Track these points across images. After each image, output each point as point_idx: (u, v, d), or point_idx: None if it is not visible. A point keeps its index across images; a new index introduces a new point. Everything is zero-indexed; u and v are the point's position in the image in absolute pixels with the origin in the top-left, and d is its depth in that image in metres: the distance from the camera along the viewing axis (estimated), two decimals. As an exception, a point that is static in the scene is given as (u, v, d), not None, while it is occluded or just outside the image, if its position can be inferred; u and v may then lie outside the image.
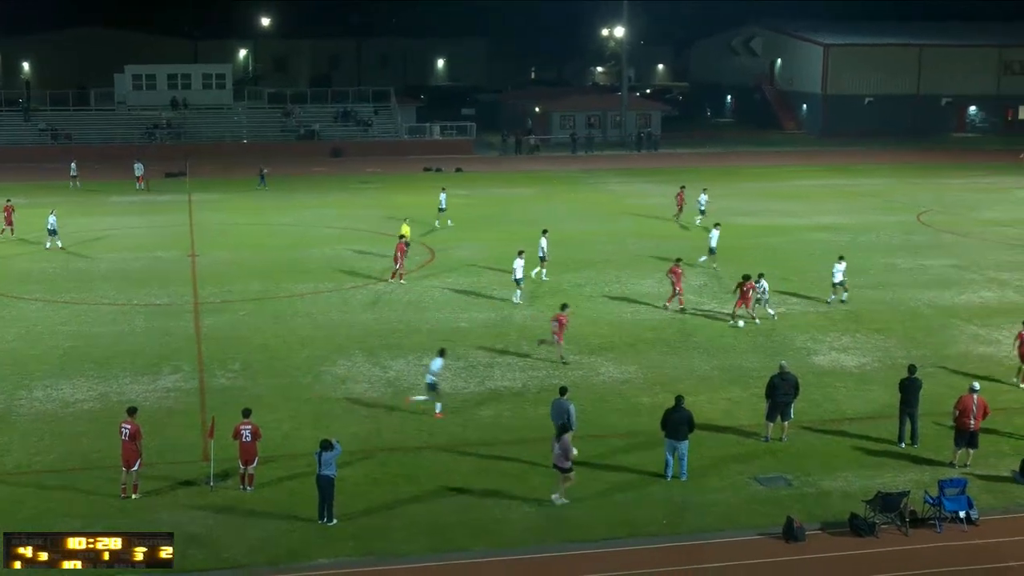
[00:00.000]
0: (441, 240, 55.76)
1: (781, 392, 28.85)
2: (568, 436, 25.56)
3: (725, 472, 27.00)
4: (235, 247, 54.64)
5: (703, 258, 49.35)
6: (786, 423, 29.03)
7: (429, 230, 58.08)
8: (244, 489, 25.68)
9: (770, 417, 29.03)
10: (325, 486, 24.11)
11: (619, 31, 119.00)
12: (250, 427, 25.80)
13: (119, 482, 25.37)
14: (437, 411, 30.69)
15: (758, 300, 40.20)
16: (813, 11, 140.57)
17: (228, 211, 66.12)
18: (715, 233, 49.32)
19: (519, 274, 42.59)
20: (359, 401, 31.99)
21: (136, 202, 70.80)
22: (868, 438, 29.33)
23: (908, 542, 23.67)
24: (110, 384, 33.27)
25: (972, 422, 27.23)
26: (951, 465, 27.41)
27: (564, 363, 35.41)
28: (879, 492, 24.48)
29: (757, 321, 39.90)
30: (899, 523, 24.09)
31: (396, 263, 46.50)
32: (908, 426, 28.79)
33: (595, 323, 40.31)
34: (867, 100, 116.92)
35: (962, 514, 24.31)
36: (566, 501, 25.30)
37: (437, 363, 30.98)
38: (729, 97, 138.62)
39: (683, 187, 63.12)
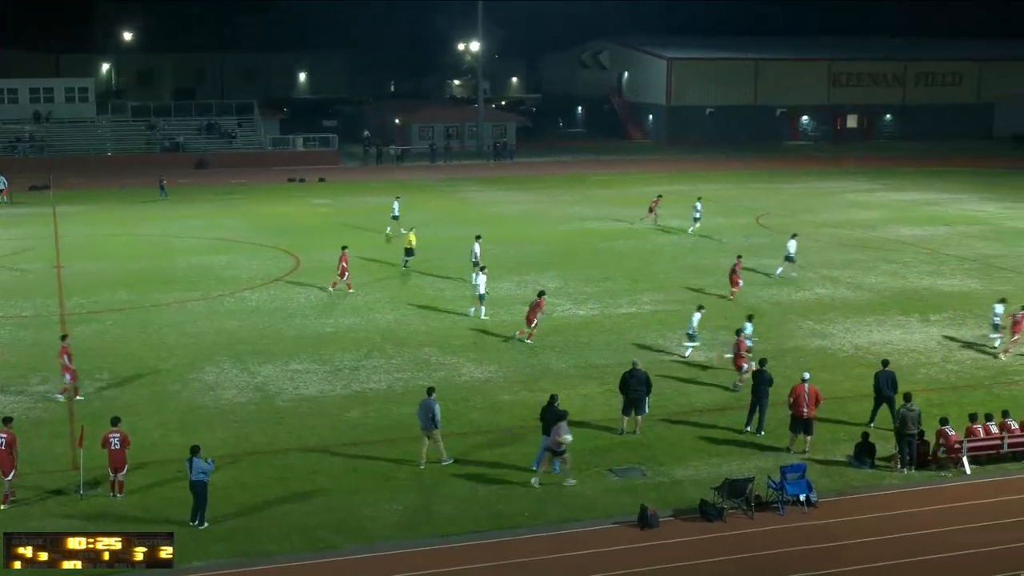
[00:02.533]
0: (306, 247, 55.14)
1: (632, 388, 29.26)
2: (564, 423, 26.19)
3: (582, 464, 27.22)
4: (101, 258, 53.19)
5: (779, 269, 48.77)
6: (639, 417, 29.42)
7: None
8: (114, 496, 25.02)
9: (625, 412, 29.40)
10: (198, 491, 23.71)
11: (475, 46, 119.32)
12: (118, 435, 25.18)
13: (-11, 492, 24.56)
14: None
15: None
16: (658, 27, 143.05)
17: (93, 223, 64.34)
18: (792, 243, 49.04)
19: (482, 289, 41.28)
20: (228, 407, 31.45)
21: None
22: (716, 429, 29.92)
23: (753, 525, 24.20)
24: (-24, 396, 32.11)
25: (805, 409, 28.04)
26: (789, 451, 28.18)
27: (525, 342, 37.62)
28: (726, 479, 24.99)
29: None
30: (745, 507, 24.61)
31: (342, 274, 45.03)
32: (757, 415, 29.53)
33: (456, 325, 40.32)
34: (708, 111, 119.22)
35: (802, 497, 24.95)
36: (574, 481, 26.03)
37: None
38: (580, 108, 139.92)
39: (659, 196, 63.96)
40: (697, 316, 36.24)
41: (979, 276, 49.15)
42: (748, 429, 29.54)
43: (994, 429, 27.67)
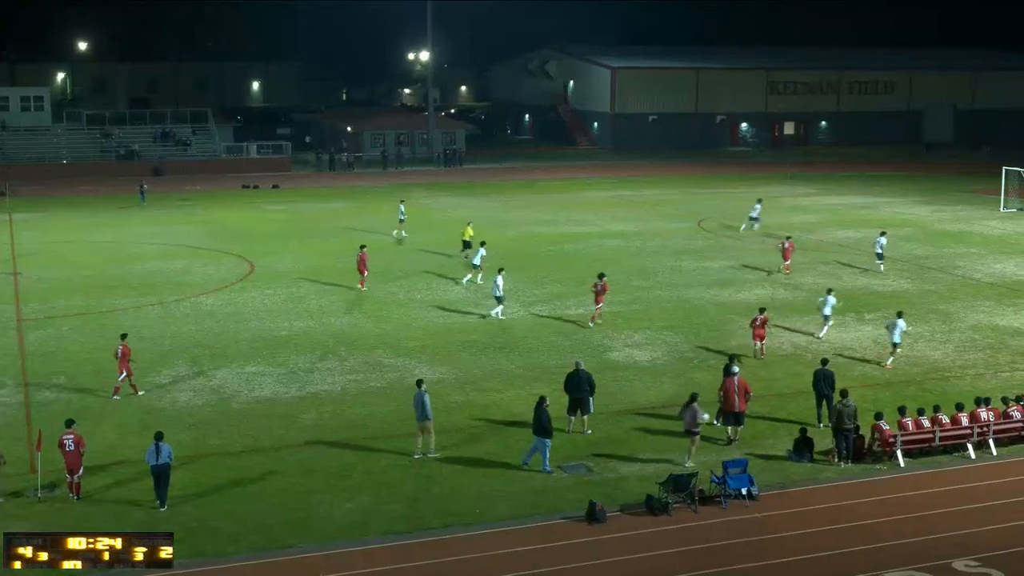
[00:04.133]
0: (261, 252, 54.78)
1: (575, 388, 29.36)
2: (696, 403, 27.12)
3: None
4: (58, 265, 52.50)
5: (881, 266, 50.04)
6: (586, 416, 29.49)
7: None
8: (72, 498, 24.73)
9: (570, 411, 29.47)
10: (164, 475, 24.28)
11: (424, 55, 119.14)
12: (72, 436, 24.95)
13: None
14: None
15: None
16: (602, 38, 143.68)
17: (50, 230, 63.51)
18: (882, 240, 50.26)
19: (499, 291, 41.56)
20: (184, 409, 31.18)
21: (-44, 222, 67.45)
22: (661, 425, 30.06)
23: (697, 518, 24.34)
24: (-67, 402, 31.59)
25: (736, 400, 28.57)
26: (728, 440, 28.62)
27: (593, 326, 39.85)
28: (671, 474, 25.11)
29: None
30: (689, 502, 24.74)
31: (362, 272, 46.22)
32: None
33: (408, 328, 40.24)
34: (651, 118, 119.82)
35: (744, 491, 25.14)
36: (692, 464, 26.78)
37: None
38: (528, 116, 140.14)
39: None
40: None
41: (911, 277, 49.77)
42: (717, 423, 29.77)
43: (926, 423, 28.04)
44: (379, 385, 33.56)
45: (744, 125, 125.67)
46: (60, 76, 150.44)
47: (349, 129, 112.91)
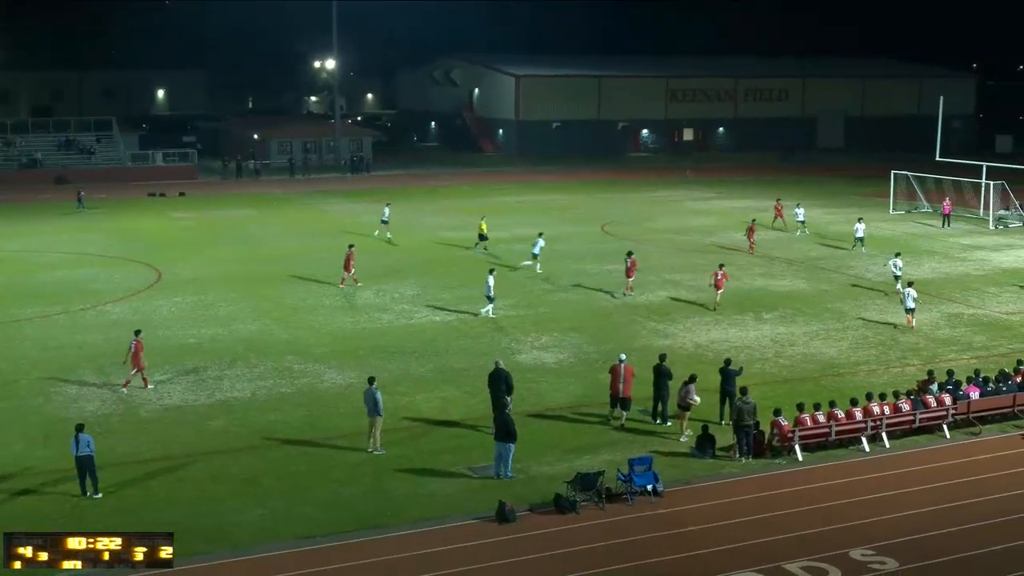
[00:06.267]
0: (168, 260, 53.86)
1: (494, 387, 29.52)
2: (692, 385, 29.25)
3: (442, 463, 27.25)
4: (-41, 274, 51.08)
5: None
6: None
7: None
8: (-23, 510, 24.14)
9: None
10: (87, 465, 24.85)
11: (331, 63, 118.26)
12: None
13: None
14: None
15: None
16: (506, 45, 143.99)
17: (-50, 239, 61.76)
18: (897, 261, 47.97)
19: (491, 291, 42.16)
20: (91, 418, 30.42)
21: None
22: (569, 425, 30.25)
23: (604, 516, 24.51)
24: None
25: (621, 386, 29.79)
26: (609, 421, 30.13)
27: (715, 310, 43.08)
28: (578, 473, 25.26)
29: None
30: (596, 499, 24.91)
31: (348, 270, 47.29)
32: (660, 407, 30.57)
33: (318, 333, 39.91)
34: (555, 125, 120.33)
35: (649, 488, 25.36)
36: (689, 434, 28.85)
37: None
38: (433, 123, 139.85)
39: (778, 199, 67.39)
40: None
41: (806, 277, 50.75)
42: (657, 421, 30.36)
43: (822, 418, 28.60)
44: (289, 391, 33.23)
45: (645, 131, 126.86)
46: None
47: (256, 137, 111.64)
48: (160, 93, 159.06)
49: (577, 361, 36.62)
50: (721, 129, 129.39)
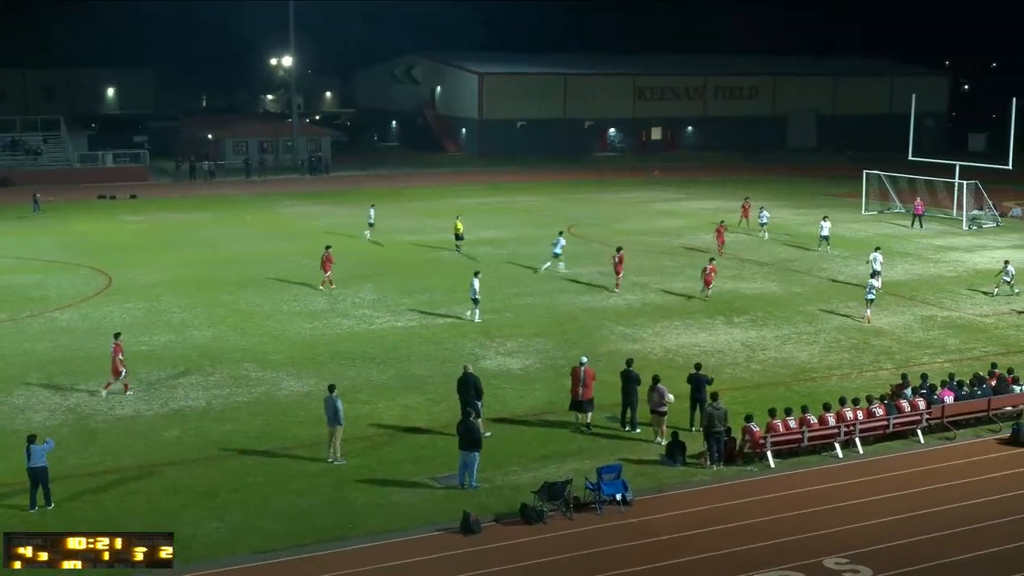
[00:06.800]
0: (119, 265, 53.45)
1: (462, 392, 29.62)
2: (662, 384, 29.57)
3: (405, 473, 27.20)
4: (-101, 280, 50.45)
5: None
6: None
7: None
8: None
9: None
10: (41, 477, 24.86)
11: (287, 60, 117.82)
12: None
13: None
14: None
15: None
16: (467, 42, 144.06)
17: None
18: (877, 255, 48.95)
19: (476, 294, 42.39)
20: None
21: None
22: (535, 432, 30.28)
23: (573, 526, 24.55)
24: None
25: (581, 389, 30.09)
26: (576, 428, 30.30)
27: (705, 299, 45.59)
28: (545, 482, 25.29)
29: None
30: (564, 509, 24.95)
31: (325, 271, 47.80)
32: (628, 413, 30.70)
33: (275, 340, 39.74)
34: (520, 124, 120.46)
35: (618, 496, 25.44)
36: (664, 441, 28.85)
37: None
38: (394, 122, 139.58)
39: (747, 198, 68.44)
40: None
41: (778, 279, 51.07)
42: (627, 428, 30.48)
43: (793, 424, 28.78)
44: (245, 400, 33.07)
45: (612, 131, 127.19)
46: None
47: (210, 137, 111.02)
48: (110, 91, 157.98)
49: (543, 367, 36.66)
50: (690, 128, 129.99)
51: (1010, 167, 67.68)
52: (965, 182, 69.34)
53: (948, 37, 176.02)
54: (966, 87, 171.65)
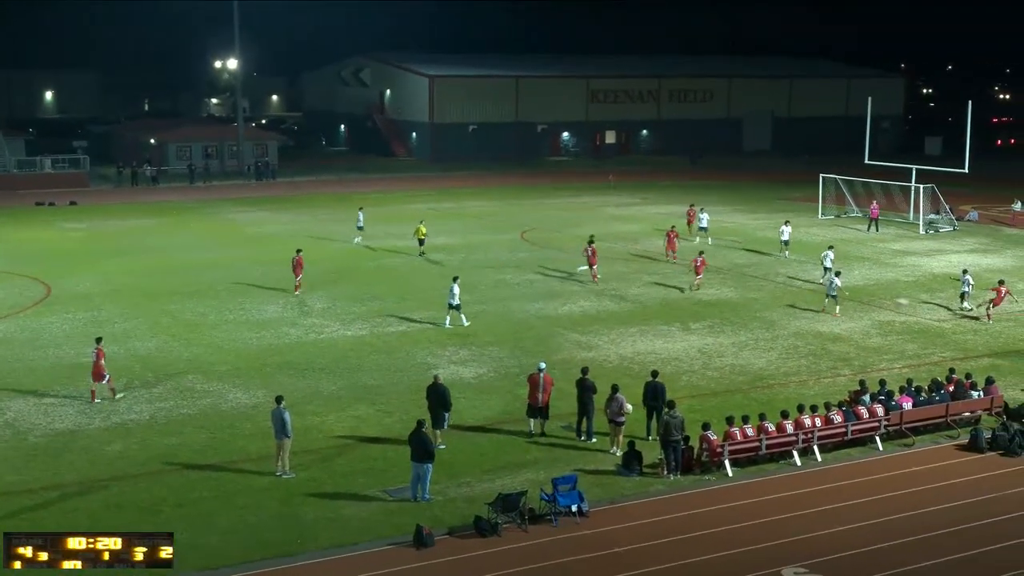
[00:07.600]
0: (58, 274, 52.85)
1: (432, 400, 29.75)
2: (621, 394, 29.52)
3: (356, 486, 27.08)
4: None
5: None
6: (438, 431, 29.51)
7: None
8: None
9: (435, 425, 29.43)
10: None
11: (232, 63, 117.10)
12: None
13: None
14: None
15: None
16: (419, 45, 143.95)
17: None
18: (830, 253, 51.97)
19: (456, 300, 42.46)
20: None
21: None
22: (489, 443, 30.24)
23: (528, 538, 24.55)
24: None
25: (540, 395, 30.30)
26: (530, 435, 30.43)
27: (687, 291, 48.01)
28: (500, 494, 25.27)
29: None
30: (519, 521, 24.94)
31: (296, 275, 48.21)
32: (585, 423, 30.76)
33: (221, 350, 39.45)
34: (471, 127, 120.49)
35: (574, 508, 25.48)
36: (620, 452, 29.09)
37: None
38: (343, 126, 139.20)
39: (692, 204, 68.21)
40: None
41: (734, 285, 51.40)
42: (582, 438, 30.52)
43: (751, 432, 28.96)
44: (190, 412, 32.79)
45: (565, 134, 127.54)
46: None
47: (152, 141, 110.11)
48: (48, 95, 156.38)
49: (497, 375, 36.65)
50: (644, 131, 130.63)
51: (966, 170, 68.50)
52: (921, 186, 70.18)
53: (904, 39, 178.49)
54: (925, 90, 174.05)
